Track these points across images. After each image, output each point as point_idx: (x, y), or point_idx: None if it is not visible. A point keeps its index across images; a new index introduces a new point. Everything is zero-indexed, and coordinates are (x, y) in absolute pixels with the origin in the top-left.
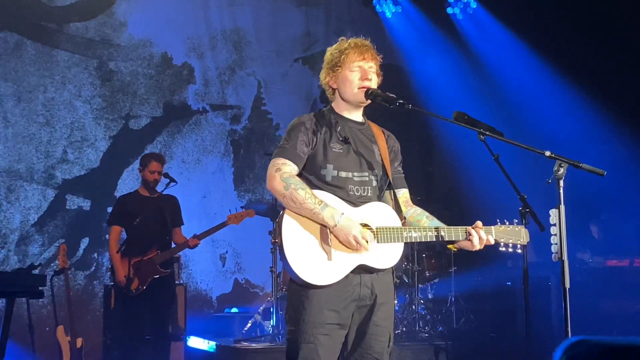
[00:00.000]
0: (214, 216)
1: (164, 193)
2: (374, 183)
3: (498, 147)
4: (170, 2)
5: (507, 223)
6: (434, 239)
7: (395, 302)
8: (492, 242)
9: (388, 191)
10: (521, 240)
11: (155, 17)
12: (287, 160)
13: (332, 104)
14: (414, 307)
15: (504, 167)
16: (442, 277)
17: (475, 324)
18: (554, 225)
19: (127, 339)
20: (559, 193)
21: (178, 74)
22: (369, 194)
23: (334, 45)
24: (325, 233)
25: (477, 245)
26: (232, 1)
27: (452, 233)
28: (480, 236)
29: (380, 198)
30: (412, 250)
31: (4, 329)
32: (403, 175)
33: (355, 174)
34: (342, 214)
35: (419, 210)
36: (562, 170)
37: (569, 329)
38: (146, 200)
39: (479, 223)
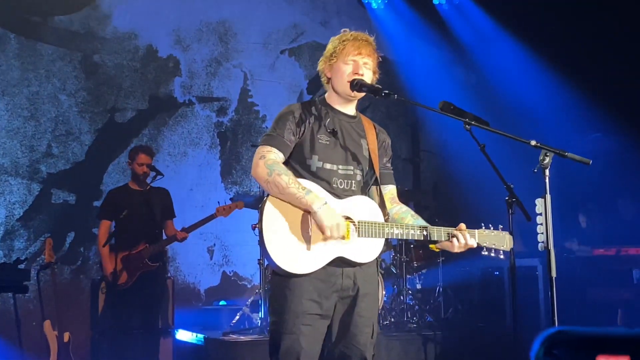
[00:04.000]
0: (201, 209)
1: (158, 186)
2: (359, 177)
3: (484, 136)
4: None
5: (492, 228)
6: (416, 238)
7: (384, 293)
8: (475, 245)
9: (374, 187)
10: (504, 246)
11: (140, 10)
12: (272, 148)
13: (325, 95)
14: (402, 297)
15: (490, 157)
16: (430, 267)
17: (463, 314)
18: (540, 214)
19: (115, 332)
20: (545, 182)
21: (163, 66)
22: (353, 188)
23: (337, 35)
24: (306, 222)
25: (459, 248)
26: None
27: (435, 233)
28: (464, 238)
29: (365, 193)
30: (400, 241)
31: None
32: (392, 171)
33: (341, 167)
34: (325, 202)
35: (404, 208)
36: (547, 159)
37: (556, 317)
38: (135, 194)
39: (462, 225)
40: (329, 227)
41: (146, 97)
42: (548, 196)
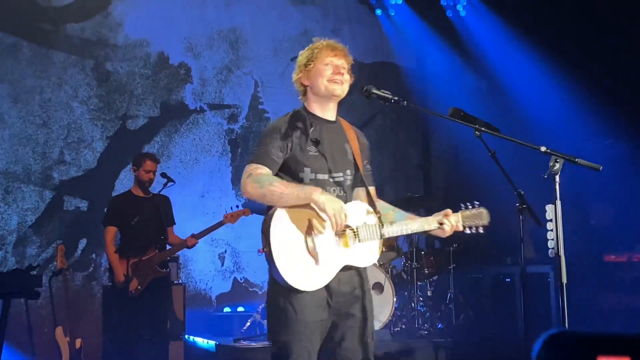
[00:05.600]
0: (212, 215)
1: (160, 193)
2: (348, 182)
3: (495, 143)
4: (167, 2)
5: (470, 206)
6: (413, 232)
7: (395, 299)
8: (461, 228)
9: (361, 188)
10: (484, 221)
11: (152, 17)
12: (259, 165)
13: (305, 104)
14: (413, 304)
15: (500, 163)
16: (441, 274)
17: (475, 320)
18: (551, 220)
19: (125, 339)
20: (556, 189)
21: (175, 73)
22: (344, 194)
23: (307, 47)
24: (311, 237)
25: (449, 233)
26: (228, 0)
27: (425, 224)
28: (451, 224)
29: (351, 195)
30: (411, 248)
31: (0, 330)
32: (370, 172)
33: (333, 174)
34: (322, 191)
35: (382, 203)
36: (557, 165)
37: (567, 324)
38: (142, 201)
39: (448, 211)
40: (333, 210)
41: (157, 104)
42: (558, 202)
